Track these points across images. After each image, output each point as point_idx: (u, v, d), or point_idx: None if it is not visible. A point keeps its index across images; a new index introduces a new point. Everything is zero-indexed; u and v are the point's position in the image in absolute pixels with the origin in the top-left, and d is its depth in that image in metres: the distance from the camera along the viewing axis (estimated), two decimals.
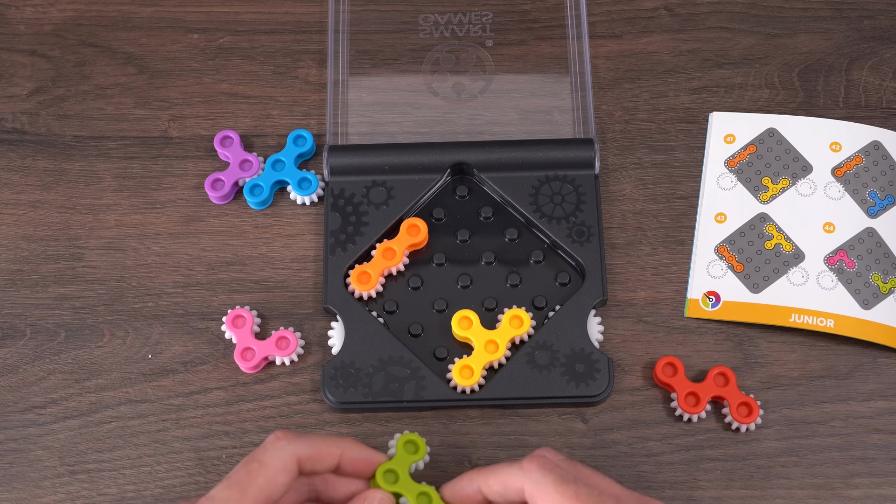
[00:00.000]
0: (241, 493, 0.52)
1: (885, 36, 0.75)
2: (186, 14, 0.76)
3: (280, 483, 0.53)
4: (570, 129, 0.71)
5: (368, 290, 0.66)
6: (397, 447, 0.58)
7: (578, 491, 0.51)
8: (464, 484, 0.56)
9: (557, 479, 0.52)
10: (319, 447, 0.55)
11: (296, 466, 0.53)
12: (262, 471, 0.52)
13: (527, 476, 0.53)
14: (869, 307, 0.65)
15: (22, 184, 0.71)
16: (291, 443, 0.54)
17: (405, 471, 0.57)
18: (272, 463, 0.53)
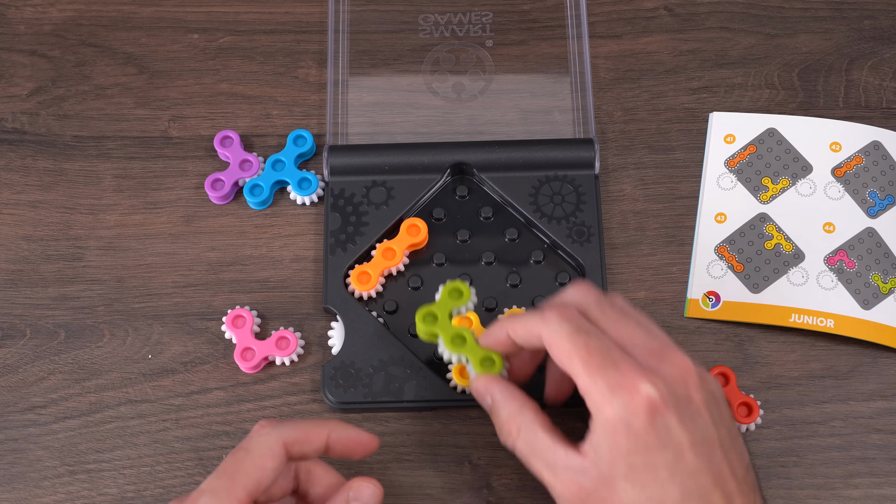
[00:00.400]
0: (231, 481, 0.52)
1: (885, 36, 0.75)
2: (186, 14, 0.76)
3: (268, 468, 0.53)
4: (570, 129, 0.71)
5: (368, 290, 0.66)
6: (442, 293, 0.60)
7: (589, 342, 0.53)
8: (495, 330, 0.57)
9: (572, 330, 0.53)
10: (305, 430, 0.55)
11: (282, 450, 0.54)
12: (249, 458, 0.53)
13: (545, 324, 0.54)
14: (869, 307, 0.65)
15: (22, 184, 0.71)
16: (276, 428, 0.54)
17: (445, 314, 0.59)
18: (259, 450, 0.53)
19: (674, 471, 0.51)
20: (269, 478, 0.53)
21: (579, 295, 0.56)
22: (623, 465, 0.52)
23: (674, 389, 0.52)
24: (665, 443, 0.51)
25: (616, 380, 0.52)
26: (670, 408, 0.51)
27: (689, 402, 0.52)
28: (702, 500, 0.51)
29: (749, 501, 0.52)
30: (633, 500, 0.51)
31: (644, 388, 0.51)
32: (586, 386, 0.52)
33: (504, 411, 0.56)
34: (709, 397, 0.53)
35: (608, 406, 0.52)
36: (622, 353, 0.53)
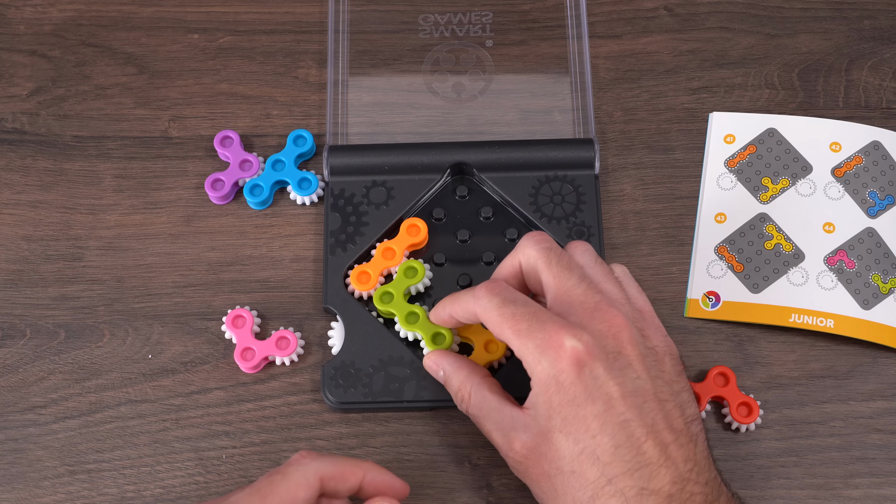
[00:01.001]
0: (262, 501, 0.53)
1: (885, 36, 0.75)
2: (186, 14, 0.76)
3: (301, 497, 0.53)
4: (570, 129, 0.71)
5: (368, 290, 0.66)
6: (398, 272, 0.65)
7: (516, 311, 0.55)
8: (439, 310, 0.61)
9: (499, 302, 0.56)
10: (342, 467, 0.55)
11: (318, 483, 0.54)
12: (284, 483, 0.53)
13: (477, 301, 0.57)
14: (869, 307, 0.65)
15: (22, 184, 0.71)
16: (315, 460, 0.55)
17: (400, 292, 0.64)
18: (295, 478, 0.54)
19: (604, 421, 0.53)
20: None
21: (529, 250, 0.58)
22: (558, 419, 0.54)
23: (602, 343, 0.54)
24: (593, 394, 0.53)
25: (543, 339, 0.54)
26: (597, 360, 0.53)
27: (619, 355, 0.54)
28: (634, 449, 0.52)
29: (688, 452, 0.53)
30: (567, 451, 0.53)
31: (568, 342, 0.53)
32: (519, 351, 0.55)
33: (455, 380, 0.59)
34: (645, 352, 0.55)
35: (538, 365, 0.54)
36: (549, 315, 0.55)
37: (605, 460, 0.52)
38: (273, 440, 0.63)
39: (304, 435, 0.63)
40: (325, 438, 0.63)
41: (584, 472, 0.53)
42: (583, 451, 0.53)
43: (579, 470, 0.53)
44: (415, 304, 0.64)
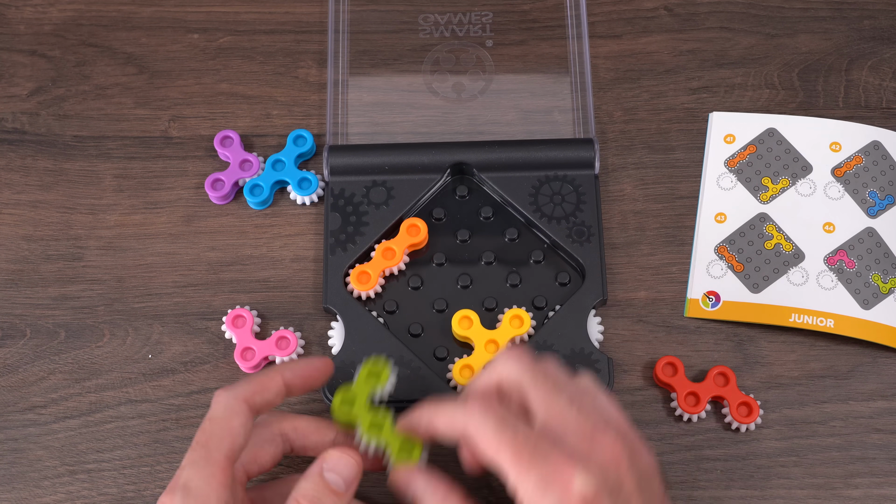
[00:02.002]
0: (205, 450, 0.53)
1: (885, 36, 0.75)
2: (186, 14, 0.76)
3: (237, 428, 0.53)
4: (570, 129, 0.71)
5: (368, 290, 0.66)
6: (359, 374, 0.58)
7: (516, 436, 0.51)
8: (416, 418, 0.56)
9: (497, 423, 0.51)
10: (259, 381, 0.56)
11: (244, 406, 0.54)
12: (214, 424, 0.53)
13: (469, 417, 0.52)
14: (869, 307, 0.65)
15: (22, 184, 0.71)
16: (230, 389, 0.55)
17: (363, 397, 0.57)
18: (221, 413, 0.54)
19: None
20: (241, 436, 0.53)
21: (510, 367, 0.54)
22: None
23: (606, 477, 0.50)
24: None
25: (547, 473, 0.50)
26: (604, 499, 0.49)
27: (621, 490, 0.50)
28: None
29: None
30: None
31: (578, 481, 0.49)
32: (516, 482, 0.50)
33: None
34: (640, 478, 0.51)
35: (541, 501, 0.49)
36: (551, 444, 0.51)
37: None
38: None
39: None
40: None
41: None
42: None
43: None
44: (380, 409, 0.57)
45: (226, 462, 0.52)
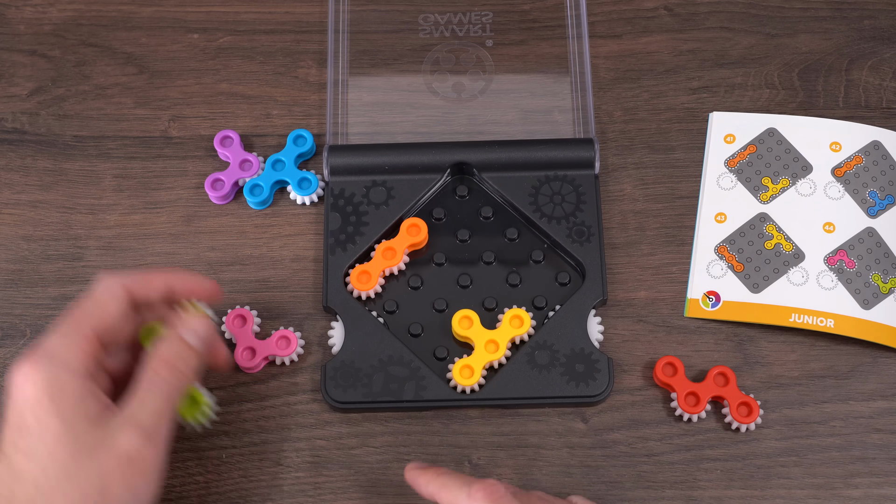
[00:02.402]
0: (76, 321, 0.54)
1: (885, 36, 0.75)
2: (186, 14, 0.76)
3: (112, 309, 0.55)
4: (570, 129, 0.71)
5: (368, 290, 0.66)
6: None
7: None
8: (422, 483, 0.57)
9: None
10: (144, 275, 0.57)
11: (123, 292, 0.55)
12: (92, 300, 0.55)
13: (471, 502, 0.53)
14: (869, 307, 0.65)
15: (22, 184, 0.71)
16: (116, 274, 0.56)
17: None
18: (101, 292, 0.55)
19: None
20: (113, 318, 0.55)
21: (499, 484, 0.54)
22: None
23: None
24: None
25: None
26: None
27: None
28: None
29: None
30: None
31: None
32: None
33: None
34: None
35: None
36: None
37: None
38: (273, 440, 0.63)
39: (304, 435, 0.64)
40: (325, 438, 0.63)
41: None
42: None
43: None
44: None
45: (93, 336, 0.54)
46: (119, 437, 0.52)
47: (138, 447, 0.52)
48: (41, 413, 0.51)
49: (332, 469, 0.63)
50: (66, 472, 0.51)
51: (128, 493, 0.52)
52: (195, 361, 0.56)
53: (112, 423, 0.53)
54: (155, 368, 0.55)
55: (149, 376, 0.55)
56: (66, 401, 0.52)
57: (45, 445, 0.51)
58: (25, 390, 0.52)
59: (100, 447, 0.52)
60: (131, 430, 0.52)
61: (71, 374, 0.52)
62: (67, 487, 0.51)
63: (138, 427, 0.53)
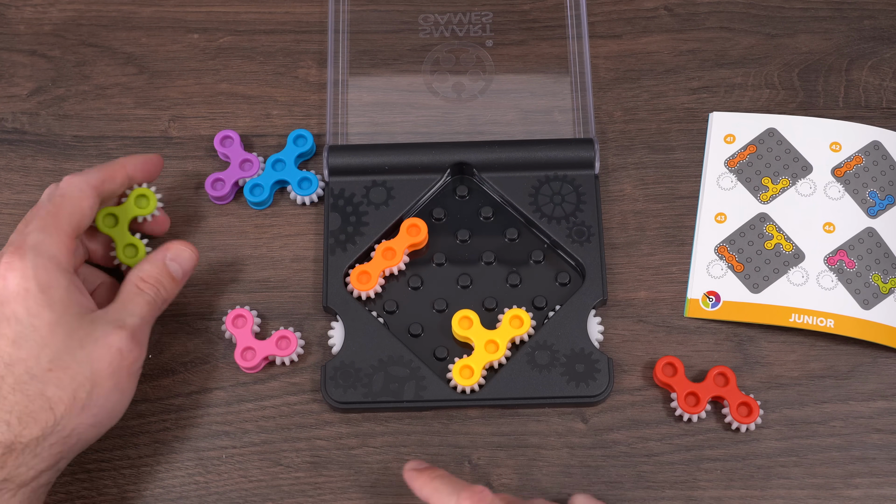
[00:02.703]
0: (55, 218, 0.57)
1: (885, 36, 0.75)
2: (186, 14, 0.76)
3: (85, 207, 0.59)
4: (570, 129, 0.71)
5: (368, 290, 0.66)
6: (129, 197, 0.64)
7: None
8: (416, 482, 0.58)
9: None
10: (106, 169, 0.61)
11: (93, 191, 0.59)
12: (66, 201, 0.58)
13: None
14: (869, 307, 0.65)
15: (22, 184, 0.71)
16: (80, 175, 0.60)
17: (125, 219, 0.63)
18: (73, 192, 0.58)
19: None
20: (87, 217, 0.59)
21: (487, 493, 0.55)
22: None
23: None
24: None
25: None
26: None
27: None
28: None
29: None
30: None
31: None
32: None
33: None
34: None
35: None
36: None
37: None
38: (273, 440, 0.63)
39: (304, 435, 0.64)
40: (325, 438, 0.63)
41: None
42: None
43: None
44: (136, 237, 0.64)
45: (72, 233, 0.58)
46: (109, 332, 0.56)
47: (127, 344, 0.57)
48: (32, 304, 0.54)
49: (332, 469, 0.63)
50: (60, 360, 0.55)
51: (113, 386, 0.56)
52: (174, 289, 0.61)
53: (99, 321, 0.57)
54: (138, 284, 0.60)
55: (132, 289, 0.59)
56: (55, 293, 0.55)
57: (39, 334, 0.54)
58: (11, 281, 0.55)
59: (90, 339, 0.56)
60: (119, 328, 0.57)
61: (57, 267, 0.56)
62: (61, 374, 0.55)
63: (125, 327, 0.57)
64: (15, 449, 0.53)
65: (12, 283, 0.55)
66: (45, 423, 0.54)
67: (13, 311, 0.55)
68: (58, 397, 0.54)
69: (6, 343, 0.54)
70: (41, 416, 0.54)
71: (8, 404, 0.54)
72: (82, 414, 0.55)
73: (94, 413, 0.56)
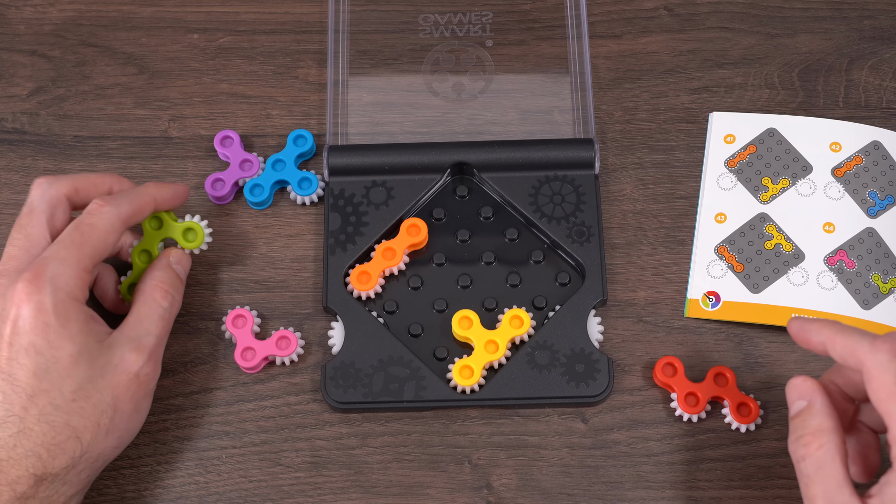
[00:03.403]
0: (79, 251, 0.57)
1: (885, 36, 0.75)
2: (186, 14, 0.76)
3: (110, 242, 0.59)
4: (570, 129, 0.71)
5: (368, 290, 0.66)
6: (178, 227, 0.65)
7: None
8: (812, 329, 0.55)
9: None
10: (136, 201, 0.61)
11: (122, 227, 0.59)
12: (94, 233, 0.58)
13: (874, 354, 0.51)
14: (869, 307, 0.65)
15: (22, 184, 0.71)
16: (115, 206, 0.59)
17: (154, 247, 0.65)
18: (103, 226, 0.58)
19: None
20: (108, 250, 0.59)
21: None
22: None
23: None
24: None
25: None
26: None
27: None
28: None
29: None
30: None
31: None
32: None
33: (816, 421, 0.53)
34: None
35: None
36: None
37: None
38: (273, 440, 0.63)
39: (304, 435, 0.64)
40: (325, 438, 0.63)
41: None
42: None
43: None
44: None
45: (92, 267, 0.58)
46: (126, 356, 0.57)
47: (143, 365, 0.58)
48: (52, 336, 0.55)
49: (332, 469, 0.63)
50: (83, 390, 0.55)
51: (132, 407, 0.58)
52: (182, 289, 0.63)
53: (117, 344, 0.58)
54: (154, 294, 0.60)
55: (149, 301, 0.60)
56: (74, 325, 0.56)
57: (61, 366, 0.55)
58: (29, 313, 0.55)
59: (110, 366, 0.57)
60: (136, 349, 0.58)
61: (74, 300, 0.56)
62: (84, 404, 0.55)
63: (141, 347, 0.58)
64: (46, 479, 0.54)
65: (30, 315, 0.55)
66: (73, 452, 0.55)
67: (32, 343, 0.55)
68: (83, 426, 0.55)
69: (27, 374, 0.54)
70: (69, 445, 0.55)
71: (36, 436, 0.54)
72: (107, 438, 0.57)
73: (117, 435, 0.57)
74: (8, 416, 0.54)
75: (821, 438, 0.53)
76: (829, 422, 0.53)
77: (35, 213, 0.59)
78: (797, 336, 0.56)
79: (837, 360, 0.54)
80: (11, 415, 0.54)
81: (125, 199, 0.60)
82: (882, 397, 0.51)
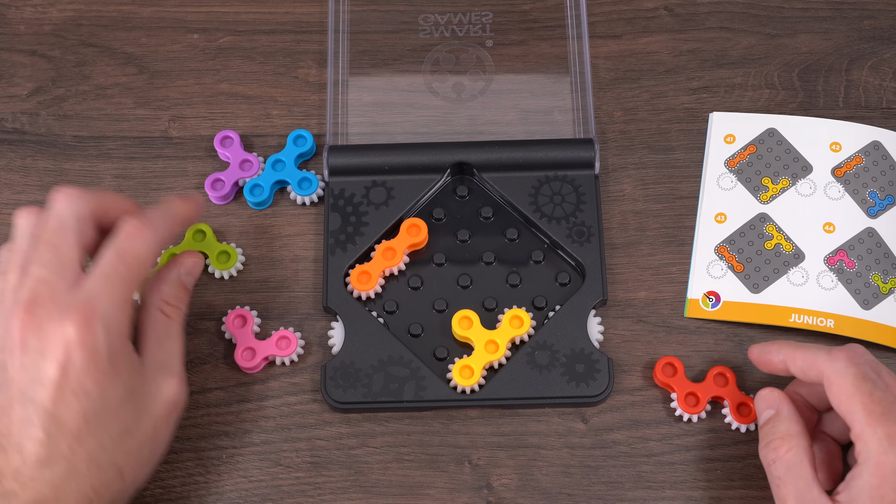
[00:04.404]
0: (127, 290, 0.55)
1: (885, 36, 0.75)
2: (186, 14, 0.76)
3: (150, 270, 0.57)
4: (570, 129, 0.71)
5: (368, 290, 0.66)
6: (213, 249, 0.67)
7: (874, 392, 0.54)
8: (772, 350, 0.60)
9: (858, 375, 0.54)
10: (170, 226, 0.59)
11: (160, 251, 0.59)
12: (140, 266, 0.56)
13: (832, 362, 0.55)
14: (869, 307, 0.65)
15: (22, 184, 0.71)
16: (154, 231, 0.57)
17: None
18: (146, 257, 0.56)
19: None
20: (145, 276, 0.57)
21: (859, 350, 0.57)
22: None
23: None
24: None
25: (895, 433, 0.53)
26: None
27: None
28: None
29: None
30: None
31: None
32: (863, 432, 0.53)
33: (784, 427, 0.57)
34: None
35: (884, 455, 0.52)
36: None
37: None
38: (273, 440, 0.63)
39: (304, 435, 0.64)
40: (325, 438, 0.63)
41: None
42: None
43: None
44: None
45: (132, 300, 0.56)
46: (162, 385, 0.57)
47: (178, 391, 0.58)
48: (104, 380, 0.53)
49: (332, 469, 0.63)
50: (128, 429, 0.55)
51: (169, 431, 0.58)
52: (188, 299, 0.61)
53: (151, 374, 0.57)
54: (164, 310, 0.59)
55: (160, 318, 0.59)
56: (122, 367, 0.54)
57: (110, 408, 0.54)
58: (80, 357, 0.53)
59: (150, 399, 0.56)
60: (169, 375, 0.57)
61: (123, 340, 0.55)
62: (129, 441, 0.55)
63: (173, 372, 0.58)
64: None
65: (82, 361, 0.52)
66: (117, 489, 0.55)
67: (82, 386, 0.53)
68: (126, 463, 0.55)
69: (76, 417, 0.53)
70: (113, 484, 0.55)
71: (84, 477, 0.53)
72: (145, 468, 0.57)
73: (153, 464, 0.58)
74: (54, 456, 0.52)
75: (789, 442, 0.57)
76: (797, 427, 0.57)
77: (66, 230, 0.55)
78: (758, 360, 0.61)
79: (798, 376, 0.58)
80: (59, 456, 0.53)
81: (160, 223, 0.57)
82: (843, 399, 0.54)
